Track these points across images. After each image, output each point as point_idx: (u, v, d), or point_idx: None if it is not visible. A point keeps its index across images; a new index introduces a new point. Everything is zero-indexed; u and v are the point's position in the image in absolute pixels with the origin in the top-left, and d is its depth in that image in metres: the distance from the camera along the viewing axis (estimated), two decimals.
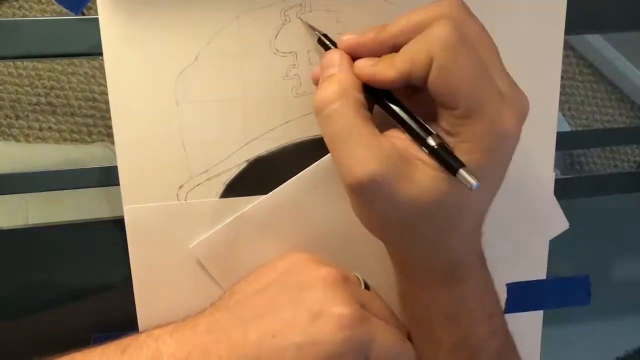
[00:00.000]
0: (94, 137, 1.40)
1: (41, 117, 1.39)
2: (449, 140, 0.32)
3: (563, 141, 0.47)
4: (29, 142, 1.38)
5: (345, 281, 0.35)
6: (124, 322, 0.42)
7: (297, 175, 0.41)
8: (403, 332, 0.38)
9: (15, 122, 1.38)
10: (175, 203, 0.41)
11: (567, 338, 0.41)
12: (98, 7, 0.37)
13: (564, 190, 0.46)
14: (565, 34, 0.42)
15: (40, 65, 1.39)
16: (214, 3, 0.38)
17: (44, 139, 1.38)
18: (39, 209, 0.74)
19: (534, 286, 0.42)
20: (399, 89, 0.34)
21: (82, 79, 1.40)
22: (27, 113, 1.38)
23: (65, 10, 0.37)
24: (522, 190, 0.37)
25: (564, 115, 1.56)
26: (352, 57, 0.35)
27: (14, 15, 1.41)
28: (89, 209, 0.69)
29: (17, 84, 1.38)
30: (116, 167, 0.40)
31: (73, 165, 0.46)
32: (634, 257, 0.70)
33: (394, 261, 0.38)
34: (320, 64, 0.36)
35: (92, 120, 1.40)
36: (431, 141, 0.32)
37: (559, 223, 0.47)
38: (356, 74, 0.34)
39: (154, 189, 0.40)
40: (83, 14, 0.40)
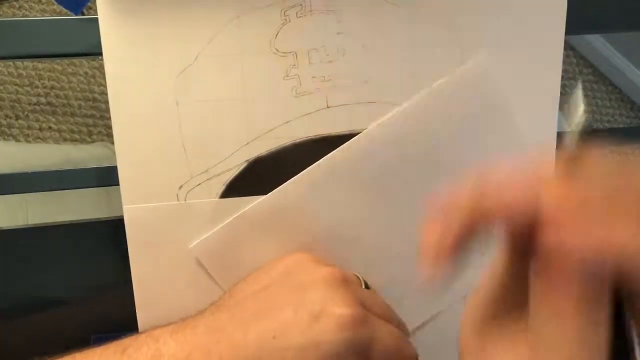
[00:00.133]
0: (94, 137, 1.40)
1: (41, 117, 1.39)
2: None
3: (563, 141, 0.47)
4: (29, 142, 1.38)
5: (345, 281, 0.35)
6: (124, 322, 0.42)
7: (297, 175, 0.41)
8: (404, 331, 0.38)
9: (15, 122, 1.38)
10: (175, 203, 0.41)
11: None
12: (98, 7, 0.37)
13: None
14: (565, 34, 0.42)
15: (40, 65, 1.39)
16: (214, 3, 0.38)
17: (44, 139, 1.38)
18: (39, 209, 0.74)
19: None
20: None
21: (82, 79, 1.40)
22: (27, 113, 1.38)
23: (65, 10, 0.37)
24: None
25: (564, 115, 1.56)
26: None
27: (14, 15, 1.41)
28: (89, 209, 0.69)
29: (17, 84, 1.38)
30: (116, 167, 0.40)
31: (73, 165, 0.46)
32: None
33: None
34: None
35: (92, 120, 1.40)
36: None
37: None
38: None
39: (154, 189, 0.40)
40: (83, 14, 0.40)
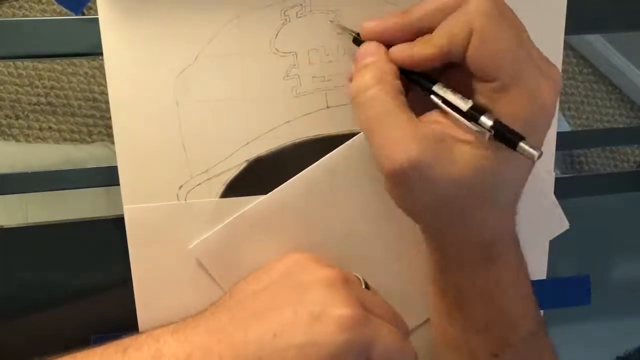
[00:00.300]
0: (94, 137, 1.40)
1: (41, 117, 1.39)
2: None
3: (563, 141, 0.47)
4: (29, 142, 1.38)
5: (346, 282, 0.35)
6: (124, 322, 0.42)
7: (297, 175, 0.41)
8: (404, 331, 0.38)
9: (15, 122, 1.38)
10: (175, 203, 0.41)
11: (567, 338, 0.41)
12: (98, 7, 0.37)
13: (564, 190, 0.46)
14: (565, 34, 0.42)
15: (40, 65, 1.39)
16: (214, 3, 0.38)
17: (44, 139, 1.38)
18: (39, 209, 0.74)
19: (534, 286, 0.42)
20: (431, 70, 0.34)
21: (82, 79, 1.40)
22: (27, 113, 1.38)
23: (65, 10, 0.37)
24: None
25: (564, 115, 1.56)
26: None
27: (14, 15, 1.41)
28: (89, 209, 0.69)
29: (17, 84, 1.38)
30: (116, 167, 0.40)
31: (73, 165, 0.46)
32: (634, 257, 0.70)
33: (430, 242, 0.38)
34: (355, 58, 0.36)
35: (92, 120, 1.40)
36: (487, 120, 0.32)
37: (559, 223, 0.47)
38: (393, 59, 0.34)
39: (154, 189, 0.40)
40: (83, 14, 0.40)
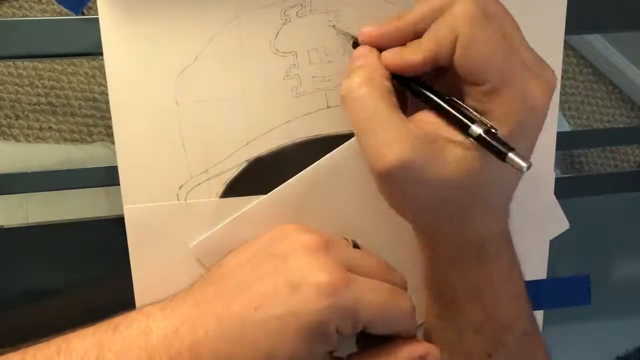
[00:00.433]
0: (94, 137, 1.40)
1: (41, 117, 1.39)
2: None
3: (563, 141, 0.47)
4: (29, 142, 1.38)
5: (327, 246, 0.34)
6: None
7: (297, 175, 0.41)
8: (400, 284, 0.37)
9: (15, 122, 1.38)
10: (175, 203, 0.41)
11: (567, 338, 0.41)
12: (98, 7, 0.37)
13: (564, 190, 0.46)
14: (565, 34, 0.42)
15: (40, 65, 1.39)
16: (214, 3, 0.38)
17: (44, 139, 1.38)
18: (39, 209, 0.74)
19: (534, 286, 0.42)
20: (424, 74, 0.34)
21: (82, 79, 1.40)
22: (27, 113, 1.38)
23: (65, 10, 0.37)
24: (522, 190, 0.37)
25: (564, 115, 1.56)
26: (379, 50, 0.35)
27: (14, 15, 1.41)
28: (89, 209, 0.69)
29: (17, 84, 1.38)
30: (116, 167, 0.40)
31: (73, 165, 0.46)
32: (634, 257, 0.70)
33: (422, 241, 0.38)
34: (350, 60, 0.36)
35: (92, 120, 1.40)
36: (476, 129, 0.32)
37: (559, 223, 0.47)
38: (385, 64, 0.34)
39: (154, 189, 0.40)
40: (83, 14, 0.40)
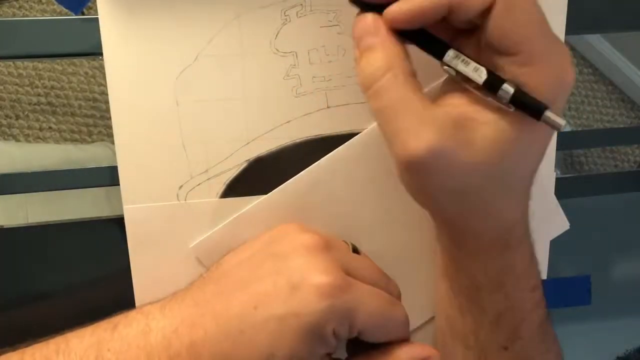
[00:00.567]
0: (94, 137, 1.40)
1: (41, 117, 1.39)
2: None
3: (563, 141, 0.47)
4: (29, 142, 1.38)
5: (327, 247, 0.34)
6: None
7: (297, 175, 0.41)
8: (395, 294, 0.37)
9: (15, 122, 1.38)
10: (175, 203, 0.41)
11: (567, 338, 0.41)
12: (98, 7, 0.37)
13: (564, 190, 0.46)
14: (565, 34, 0.42)
15: (40, 65, 1.39)
16: (214, 3, 0.38)
17: (44, 139, 1.39)
18: (39, 209, 0.74)
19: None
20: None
21: (82, 79, 1.40)
22: (27, 113, 1.38)
23: (65, 10, 0.37)
24: None
25: (564, 115, 1.56)
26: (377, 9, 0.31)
27: (14, 15, 1.42)
28: (89, 209, 0.69)
29: (17, 84, 1.39)
30: (116, 167, 0.40)
31: (73, 165, 0.46)
32: (634, 257, 0.70)
33: (443, 231, 0.36)
34: (353, 31, 0.32)
35: (92, 120, 1.40)
36: (508, 88, 0.29)
37: (559, 223, 0.47)
38: (391, 18, 0.30)
39: (154, 189, 0.40)
40: (83, 14, 0.40)
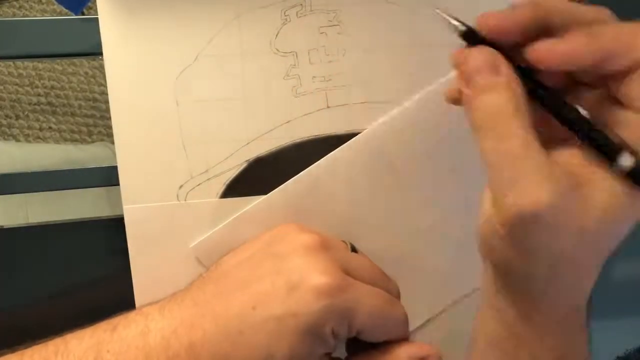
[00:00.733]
0: (94, 137, 1.40)
1: (41, 117, 1.39)
2: None
3: None
4: (29, 142, 1.38)
5: (326, 247, 0.34)
6: None
7: (297, 175, 0.41)
8: (394, 293, 0.37)
9: (15, 122, 1.38)
10: (175, 203, 0.41)
11: None
12: (98, 7, 0.37)
13: None
14: None
15: (40, 65, 1.39)
16: (214, 3, 0.38)
17: (44, 139, 1.39)
18: (39, 209, 0.74)
19: None
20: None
21: (82, 79, 1.40)
22: (27, 113, 1.38)
23: (65, 10, 0.37)
24: None
25: None
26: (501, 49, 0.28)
27: (14, 15, 1.42)
28: (89, 209, 0.69)
29: (17, 84, 1.39)
30: (116, 167, 0.40)
31: (73, 165, 0.46)
32: (634, 257, 0.70)
33: (512, 305, 0.30)
34: (465, 65, 0.28)
35: (92, 120, 1.40)
36: (627, 159, 0.26)
37: None
38: (536, 58, 0.27)
39: (154, 189, 0.40)
40: (83, 14, 0.40)
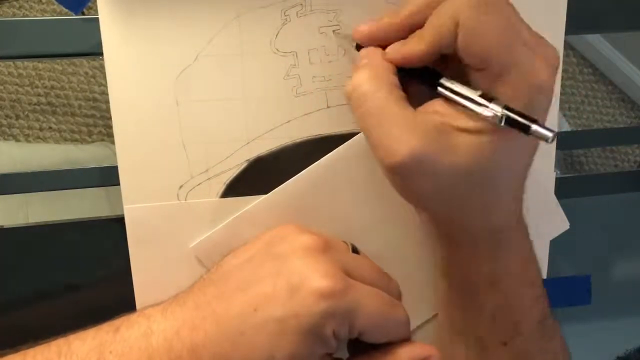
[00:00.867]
0: (94, 137, 1.40)
1: (41, 117, 1.39)
2: None
3: (563, 141, 0.47)
4: (29, 142, 1.38)
5: (326, 249, 0.34)
6: None
7: (297, 175, 0.41)
8: (395, 294, 0.37)
9: (15, 122, 1.38)
10: (175, 203, 0.41)
11: (568, 337, 0.41)
12: (98, 7, 0.37)
13: (564, 190, 0.46)
14: (565, 34, 0.42)
15: (40, 65, 1.39)
16: (214, 3, 0.38)
17: (44, 139, 1.39)
18: (39, 209, 0.74)
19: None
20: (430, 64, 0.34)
21: (82, 79, 1.40)
22: (27, 113, 1.38)
23: (65, 10, 0.37)
24: None
25: (564, 115, 1.56)
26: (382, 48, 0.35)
27: (14, 15, 1.42)
28: (89, 209, 0.69)
29: (17, 84, 1.39)
30: (116, 167, 0.40)
31: (73, 165, 0.46)
32: (634, 257, 0.71)
33: (438, 231, 0.37)
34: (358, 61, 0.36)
35: (92, 120, 1.40)
36: (496, 107, 0.31)
37: (559, 223, 0.47)
38: (389, 59, 0.34)
39: (154, 189, 0.40)
40: (83, 14, 0.40)
